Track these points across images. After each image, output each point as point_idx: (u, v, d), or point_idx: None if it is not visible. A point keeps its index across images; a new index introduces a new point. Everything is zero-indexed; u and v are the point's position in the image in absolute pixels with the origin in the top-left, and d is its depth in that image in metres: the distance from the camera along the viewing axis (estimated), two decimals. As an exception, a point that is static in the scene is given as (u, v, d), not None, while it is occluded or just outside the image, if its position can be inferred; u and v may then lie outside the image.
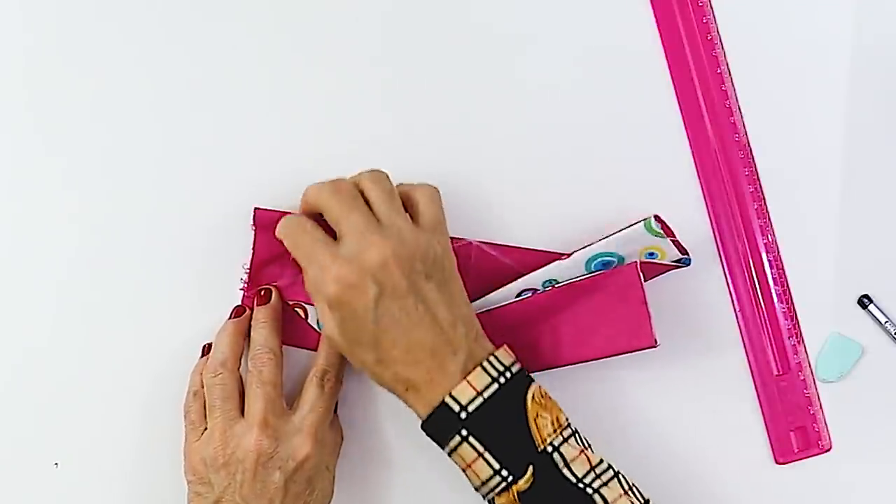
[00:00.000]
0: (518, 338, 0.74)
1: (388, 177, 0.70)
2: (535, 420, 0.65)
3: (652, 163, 0.78)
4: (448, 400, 0.65)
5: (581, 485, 0.65)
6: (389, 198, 0.68)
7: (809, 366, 0.78)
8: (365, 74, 0.78)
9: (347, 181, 0.69)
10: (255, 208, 0.73)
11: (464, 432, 0.65)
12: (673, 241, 0.71)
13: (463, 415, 0.65)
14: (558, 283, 0.73)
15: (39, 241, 0.76)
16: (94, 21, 0.77)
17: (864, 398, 0.77)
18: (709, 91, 0.78)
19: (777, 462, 0.77)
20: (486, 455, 0.65)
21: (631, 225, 0.72)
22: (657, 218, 0.70)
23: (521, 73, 0.78)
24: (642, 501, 0.67)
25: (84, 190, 0.76)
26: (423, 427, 0.67)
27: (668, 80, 0.79)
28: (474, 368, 0.66)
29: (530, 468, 0.65)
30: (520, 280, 0.73)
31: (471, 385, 0.65)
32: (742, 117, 0.79)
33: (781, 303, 0.78)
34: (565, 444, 0.66)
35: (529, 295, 0.73)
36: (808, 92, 0.79)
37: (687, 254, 0.73)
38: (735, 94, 0.79)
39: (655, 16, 0.79)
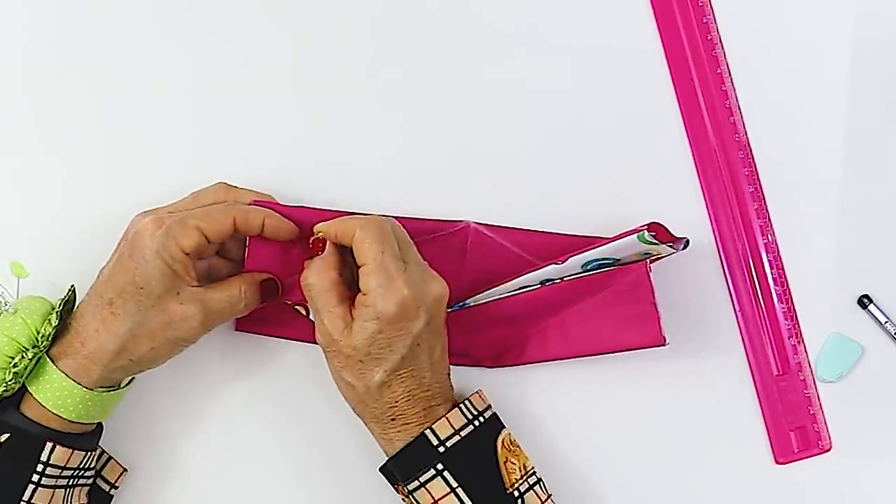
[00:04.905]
0: (526, 328, 0.74)
1: (401, 227, 0.70)
2: (504, 464, 0.67)
3: (652, 163, 0.78)
4: (427, 433, 0.66)
5: None
6: (411, 245, 0.69)
7: (809, 366, 0.78)
8: (365, 73, 0.78)
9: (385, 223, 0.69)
10: (254, 201, 0.72)
11: (439, 466, 0.66)
12: (670, 245, 0.71)
13: (441, 449, 0.66)
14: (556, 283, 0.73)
15: (38, 239, 0.76)
16: (91, 21, 0.78)
17: (864, 398, 0.77)
18: (709, 91, 0.78)
19: (777, 462, 0.77)
20: (459, 491, 0.66)
21: (624, 236, 0.71)
22: (650, 230, 0.70)
23: (521, 73, 0.78)
24: None
25: (80, 187, 0.77)
26: (392, 459, 0.68)
27: (668, 80, 0.79)
28: (451, 410, 0.68)
29: None
30: (517, 279, 0.73)
31: (449, 422, 0.67)
32: (742, 117, 0.79)
33: (781, 303, 0.78)
34: (530, 491, 0.68)
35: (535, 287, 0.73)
36: (808, 92, 0.79)
37: (683, 238, 0.72)
38: (735, 94, 0.79)
39: (655, 16, 0.79)
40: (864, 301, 0.78)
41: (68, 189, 0.77)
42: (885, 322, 0.77)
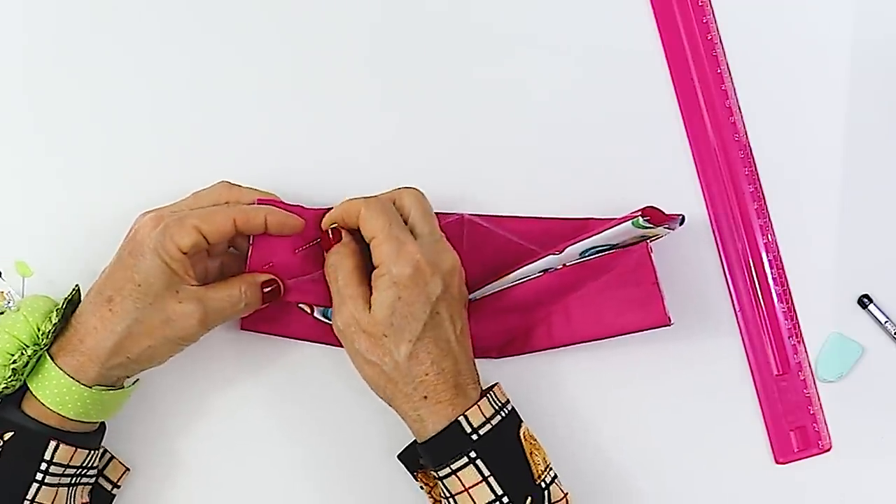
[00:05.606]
0: (530, 317, 0.74)
1: (424, 196, 0.71)
2: (530, 455, 0.67)
3: (652, 163, 0.78)
4: (461, 420, 0.66)
5: None
6: (432, 218, 0.70)
7: (809, 366, 0.78)
8: (365, 73, 0.78)
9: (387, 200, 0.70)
10: (258, 199, 0.72)
11: (472, 454, 0.66)
12: (666, 227, 0.71)
13: (474, 437, 0.66)
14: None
15: (38, 239, 0.76)
16: (91, 21, 0.78)
17: (864, 398, 0.77)
18: (709, 91, 0.79)
19: (777, 462, 0.77)
20: (491, 480, 0.66)
21: (620, 222, 0.71)
22: (644, 214, 0.70)
23: (522, 73, 0.78)
24: None
25: (81, 187, 0.77)
26: (424, 444, 0.67)
27: (668, 80, 0.79)
28: (481, 398, 0.67)
29: (529, 499, 0.66)
30: (516, 272, 0.73)
31: (480, 410, 0.67)
32: (742, 117, 0.79)
33: (781, 303, 0.78)
34: (553, 484, 0.68)
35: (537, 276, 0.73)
36: (808, 92, 0.79)
37: (678, 216, 0.72)
38: (735, 94, 0.79)
39: (655, 16, 0.79)
40: (864, 301, 0.78)
41: (69, 189, 0.77)
42: (885, 322, 0.77)
